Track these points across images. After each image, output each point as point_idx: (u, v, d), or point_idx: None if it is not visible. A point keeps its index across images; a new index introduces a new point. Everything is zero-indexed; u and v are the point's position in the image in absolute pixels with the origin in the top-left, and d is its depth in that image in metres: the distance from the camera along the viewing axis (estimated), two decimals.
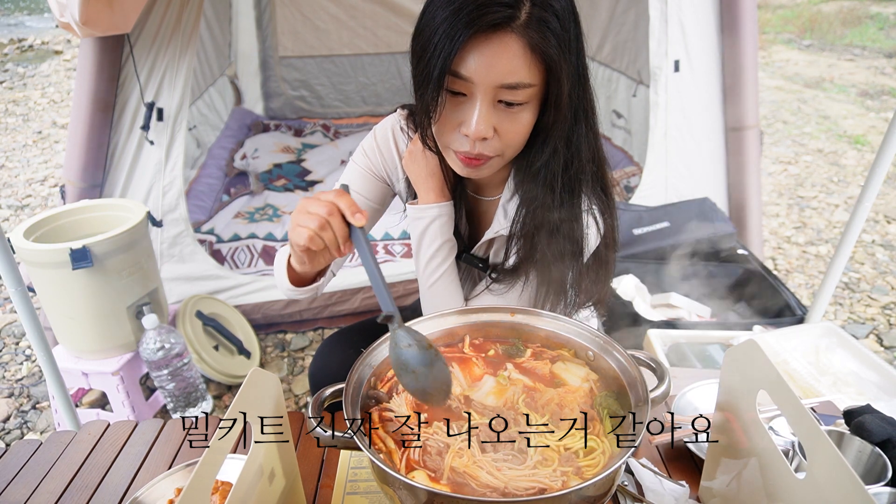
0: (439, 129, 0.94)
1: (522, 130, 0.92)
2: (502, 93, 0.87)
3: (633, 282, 2.41)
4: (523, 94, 0.87)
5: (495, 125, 0.90)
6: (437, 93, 0.87)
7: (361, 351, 0.87)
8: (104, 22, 1.92)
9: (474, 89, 0.87)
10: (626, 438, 0.73)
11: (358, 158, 1.21)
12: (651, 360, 0.84)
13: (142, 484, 0.98)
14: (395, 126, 1.17)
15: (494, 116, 0.89)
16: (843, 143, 4.87)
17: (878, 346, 2.59)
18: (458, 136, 0.93)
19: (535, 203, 1.00)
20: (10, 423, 2.27)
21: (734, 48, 2.58)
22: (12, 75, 7.36)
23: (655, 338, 2.01)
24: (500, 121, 0.90)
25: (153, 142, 2.32)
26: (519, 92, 0.87)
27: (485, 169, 0.97)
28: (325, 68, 4.50)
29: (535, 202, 1.00)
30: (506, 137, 0.92)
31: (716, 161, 2.78)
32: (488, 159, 0.94)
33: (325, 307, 2.65)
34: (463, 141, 0.92)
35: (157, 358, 1.98)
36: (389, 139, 1.18)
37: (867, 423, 0.89)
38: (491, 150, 0.92)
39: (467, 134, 0.90)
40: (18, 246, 1.78)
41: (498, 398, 0.86)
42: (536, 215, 1.01)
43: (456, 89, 0.88)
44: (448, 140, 0.94)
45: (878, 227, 3.60)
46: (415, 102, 0.97)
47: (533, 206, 1.01)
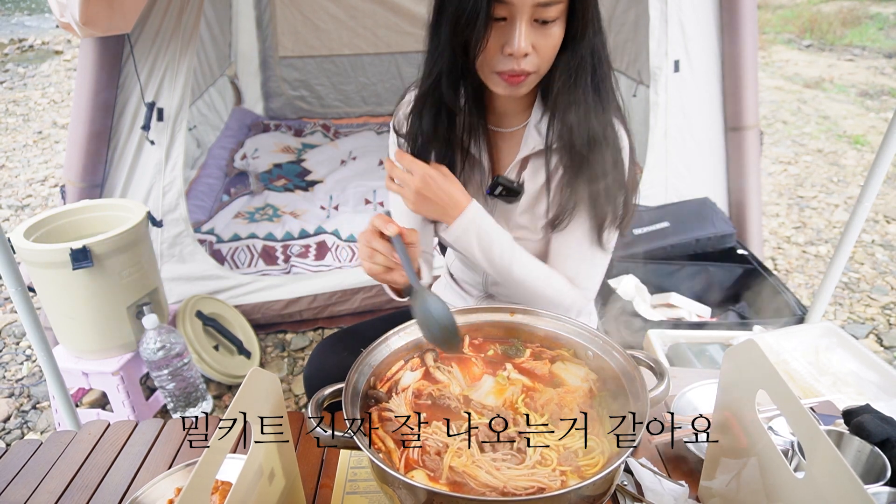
0: (484, 55, 1.03)
1: (555, 44, 1.02)
2: (538, 11, 0.97)
3: (633, 282, 2.41)
4: (555, 11, 0.98)
5: (533, 42, 1.00)
6: (486, 21, 0.97)
7: (361, 350, 0.87)
8: (104, 22, 1.92)
9: (514, 11, 0.97)
10: (625, 438, 0.73)
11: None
12: (651, 360, 0.84)
13: (142, 484, 0.98)
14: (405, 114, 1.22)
15: (532, 34, 0.99)
16: (842, 143, 4.87)
17: (877, 346, 2.59)
18: (502, 58, 1.02)
19: (571, 111, 1.07)
20: (11, 423, 2.27)
21: (734, 48, 2.58)
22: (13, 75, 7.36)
23: (655, 338, 2.01)
24: (536, 38, 1.00)
25: (153, 142, 2.32)
26: (552, 9, 0.98)
27: (524, 86, 1.06)
28: (325, 68, 4.51)
29: (569, 111, 1.07)
30: (542, 53, 1.02)
31: (716, 161, 2.78)
32: (528, 75, 1.03)
33: (325, 307, 2.65)
34: (507, 61, 1.01)
35: (158, 358, 1.98)
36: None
37: (866, 423, 0.89)
38: (531, 65, 1.02)
39: (511, 53, 0.99)
40: (19, 246, 1.79)
41: (497, 398, 0.86)
42: (574, 123, 1.08)
43: (498, 14, 0.98)
44: (493, 64, 1.03)
45: (877, 227, 3.60)
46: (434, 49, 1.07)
47: (568, 115, 1.08)
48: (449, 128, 1.16)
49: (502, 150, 1.22)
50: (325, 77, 4.54)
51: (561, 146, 1.11)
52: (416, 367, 0.92)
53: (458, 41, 1.02)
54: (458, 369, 0.92)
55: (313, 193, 3.44)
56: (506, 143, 1.21)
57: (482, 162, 1.19)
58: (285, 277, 2.65)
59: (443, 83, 1.09)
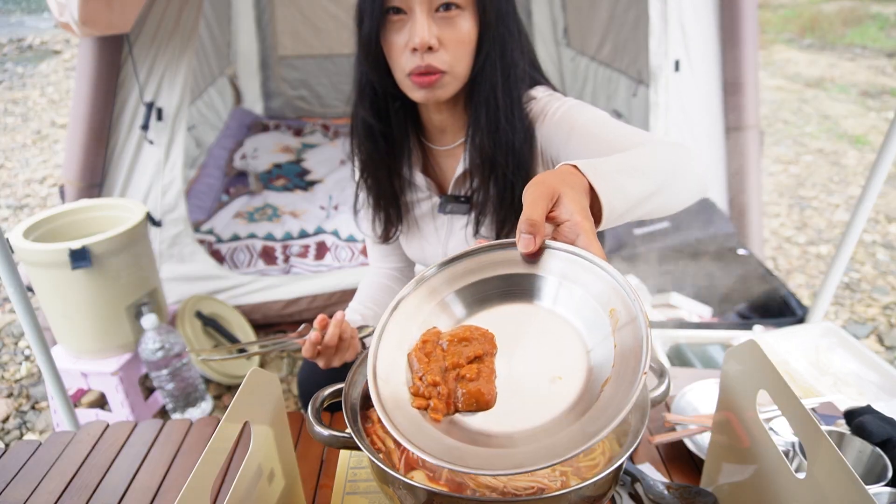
0: (392, 58, 0.99)
1: (465, 40, 0.98)
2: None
3: (633, 282, 2.41)
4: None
5: (438, 36, 0.96)
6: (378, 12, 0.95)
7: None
8: (103, 21, 1.92)
9: (411, 2, 0.94)
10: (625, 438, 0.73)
11: None
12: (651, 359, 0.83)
13: (142, 484, 0.98)
14: None
15: (435, 26, 0.95)
16: (843, 143, 4.87)
17: (878, 347, 2.59)
18: (408, 56, 0.97)
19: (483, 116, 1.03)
20: (10, 424, 2.27)
21: (734, 48, 2.57)
22: (11, 75, 7.36)
23: (655, 338, 2.01)
24: (441, 30, 0.96)
25: (153, 141, 2.32)
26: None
27: (438, 88, 1.00)
28: (324, 68, 4.50)
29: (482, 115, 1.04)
30: (451, 48, 0.97)
31: (716, 161, 2.78)
32: (440, 75, 0.98)
33: (325, 307, 2.65)
34: (412, 58, 0.97)
35: (157, 358, 1.98)
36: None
37: (867, 424, 0.89)
38: (439, 62, 0.97)
39: (414, 46, 0.95)
40: (17, 246, 1.78)
41: None
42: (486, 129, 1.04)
43: (394, 4, 0.96)
44: (401, 64, 0.99)
45: (878, 227, 3.60)
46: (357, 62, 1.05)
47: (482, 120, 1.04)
48: (386, 153, 1.12)
49: (446, 168, 1.18)
50: (324, 77, 4.54)
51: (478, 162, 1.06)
52: None
53: (365, 46, 0.99)
54: None
55: (313, 193, 3.44)
56: (447, 159, 1.17)
57: (425, 182, 1.16)
58: (285, 277, 2.64)
59: (365, 102, 1.06)
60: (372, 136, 1.10)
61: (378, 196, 1.17)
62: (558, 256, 0.62)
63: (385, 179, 1.15)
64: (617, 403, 0.51)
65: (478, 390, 0.57)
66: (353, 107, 1.10)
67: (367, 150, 1.12)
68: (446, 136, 1.14)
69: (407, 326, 0.65)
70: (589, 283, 0.59)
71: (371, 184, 1.17)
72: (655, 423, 1.05)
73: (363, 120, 1.09)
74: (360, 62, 1.04)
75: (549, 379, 0.58)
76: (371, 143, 1.11)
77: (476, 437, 0.56)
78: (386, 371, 0.61)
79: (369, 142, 1.11)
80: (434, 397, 0.58)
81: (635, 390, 0.50)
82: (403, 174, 1.16)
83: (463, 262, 0.68)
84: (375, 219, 1.21)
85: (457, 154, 1.15)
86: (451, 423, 0.58)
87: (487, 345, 0.61)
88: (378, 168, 1.14)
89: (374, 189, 1.17)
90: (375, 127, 1.09)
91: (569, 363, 0.58)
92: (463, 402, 0.58)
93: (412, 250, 1.26)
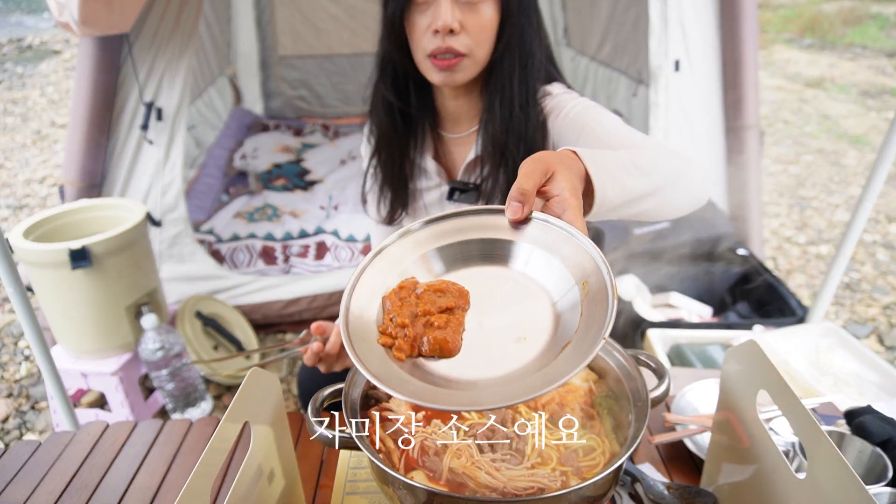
0: (413, 39, 1.02)
1: (486, 25, 1.01)
2: None
3: (633, 282, 2.41)
4: None
5: (461, 20, 0.99)
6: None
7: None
8: (103, 21, 1.92)
9: None
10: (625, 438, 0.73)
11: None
12: (651, 360, 0.84)
13: (142, 484, 0.98)
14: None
15: (458, 11, 0.99)
16: (843, 143, 4.87)
17: (879, 347, 2.59)
18: (429, 37, 1.00)
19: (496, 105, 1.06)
20: (9, 424, 2.27)
21: (735, 47, 2.57)
22: (11, 75, 7.36)
23: (655, 338, 2.01)
24: (464, 16, 0.99)
25: (152, 141, 2.32)
26: None
27: (458, 72, 1.03)
28: (324, 68, 4.50)
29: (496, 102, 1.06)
30: (472, 32, 1.00)
31: (716, 161, 2.78)
32: (461, 58, 1.01)
33: (325, 307, 2.65)
34: (434, 39, 1.00)
35: (157, 358, 1.98)
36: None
37: (868, 424, 0.89)
38: (460, 45, 1.00)
39: (437, 29, 0.98)
40: (17, 246, 1.78)
41: None
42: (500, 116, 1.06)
43: None
44: (423, 46, 1.02)
45: (879, 227, 3.60)
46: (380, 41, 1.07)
47: (496, 107, 1.06)
48: (403, 132, 1.15)
49: (456, 156, 1.20)
50: (324, 77, 4.54)
51: (490, 148, 1.09)
52: None
53: (390, 26, 1.03)
54: None
55: (313, 193, 3.44)
56: (459, 148, 1.19)
57: (434, 169, 1.18)
58: (285, 277, 2.64)
59: (381, 79, 1.10)
60: (391, 113, 1.13)
61: (388, 175, 1.19)
62: (542, 227, 0.65)
63: (398, 159, 1.17)
64: (573, 363, 0.54)
65: (443, 338, 0.59)
66: (374, 85, 1.13)
67: (385, 127, 1.15)
68: (459, 124, 1.17)
69: (387, 273, 0.67)
70: (567, 254, 0.62)
71: (384, 161, 1.19)
72: (655, 423, 1.05)
73: (383, 97, 1.12)
74: (383, 41, 1.07)
75: (514, 339, 0.60)
76: (389, 120, 1.14)
77: (437, 381, 0.58)
78: (359, 308, 0.64)
79: (388, 119, 1.14)
80: (400, 338, 0.61)
81: (592, 353, 0.53)
82: (414, 159, 1.18)
83: (450, 221, 0.70)
84: (381, 200, 1.23)
85: (468, 142, 1.17)
86: (415, 365, 0.60)
87: (461, 300, 0.64)
88: (392, 146, 1.16)
89: (387, 167, 1.19)
90: (395, 104, 1.12)
91: (535, 326, 0.61)
92: (428, 348, 0.60)
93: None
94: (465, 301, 0.64)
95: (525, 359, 0.58)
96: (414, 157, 1.18)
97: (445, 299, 0.63)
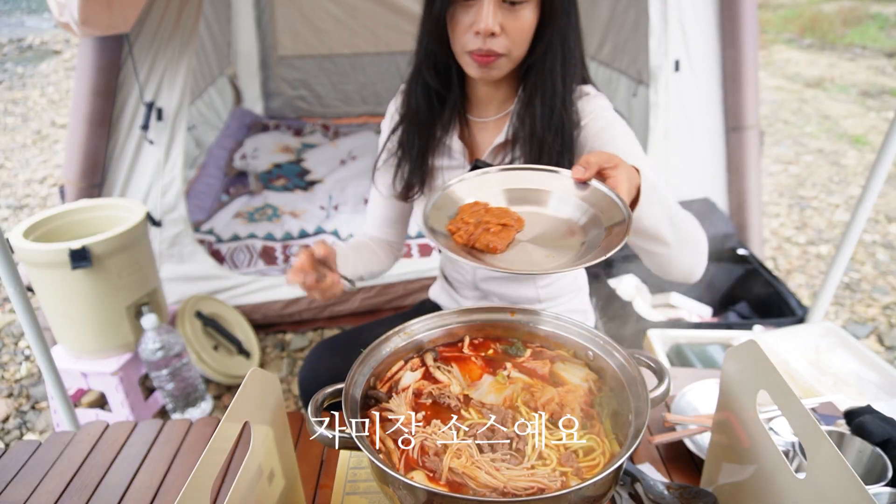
0: (454, 34, 1.08)
1: (525, 28, 1.05)
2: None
3: (633, 282, 2.41)
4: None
5: (501, 23, 1.03)
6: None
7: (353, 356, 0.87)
8: (103, 21, 1.92)
9: None
10: (625, 438, 0.73)
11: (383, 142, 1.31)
12: (651, 360, 0.84)
13: (142, 484, 0.98)
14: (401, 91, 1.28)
15: (500, 14, 1.03)
16: (843, 143, 4.87)
17: (878, 347, 2.59)
18: (471, 37, 1.06)
19: (535, 101, 1.11)
20: (10, 424, 2.27)
21: (734, 48, 2.57)
22: (11, 75, 7.36)
23: (655, 338, 2.01)
24: (505, 19, 1.04)
25: (153, 141, 2.32)
26: None
27: (495, 69, 1.09)
28: (324, 68, 4.50)
29: (534, 100, 1.11)
30: (512, 35, 1.05)
31: (716, 161, 2.78)
32: (498, 57, 1.07)
33: (325, 307, 2.65)
34: (475, 39, 1.05)
35: (157, 358, 1.98)
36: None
37: (867, 424, 0.89)
38: (500, 46, 1.05)
39: (478, 31, 1.03)
40: (17, 246, 1.78)
41: (497, 397, 0.86)
42: (536, 113, 1.11)
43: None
44: (463, 42, 1.07)
45: (878, 227, 3.60)
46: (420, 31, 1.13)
47: (533, 104, 1.12)
48: (434, 112, 1.20)
49: (480, 140, 1.25)
50: (324, 77, 4.54)
51: (523, 136, 1.14)
52: (416, 367, 0.92)
53: (433, 21, 1.08)
54: (458, 369, 0.91)
55: (313, 193, 3.44)
56: (484, 132, 1.24)
57: (459, 149, 1.22)
58: (285, 277, 2.64)
59: (425, 64, 1.15)
60: (428, 96, 1.19)
61: (411, 151, 1.23)
62: (593, 189, 0.83)
63: (424, 138, 1.21)
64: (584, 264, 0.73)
65: (489, 240, 0.79)
66: (415, 69, 1.18)
67: (421, 108, 1.19)
68: (488, 108, 1.22)
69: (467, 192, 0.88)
70: (603, 208, 0.81)
71: (409, 138, 1.23)
72: (655, 423, 1.05)
73: (424, 82, 1.17)
74: (425, 35, 1.13)
75: (544, 255, 0.79)
76: (427, 103, 1.19)
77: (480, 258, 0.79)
78: (441, 205, 0.86)
79: (425, 101, 1.19)
80: (461, 230, 0.81)
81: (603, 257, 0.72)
82: (442, 138, 1.22)
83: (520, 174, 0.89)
84: (398, 174, 1.27)
85: (495, 127, 1.22)
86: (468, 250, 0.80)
87: (516, 223, 0.83)
88: (422, 125, 1.21)
89: (411, 145, 1.23)
90: (434, 88, 1.17)
91: (564, 251, 0.79)
92: (478, 242, 0.79)
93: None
94: (520, 224, 0.83)
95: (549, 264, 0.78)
96: (441, 137, 1.22)
97: (504, 218, 0.82)
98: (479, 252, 0.78)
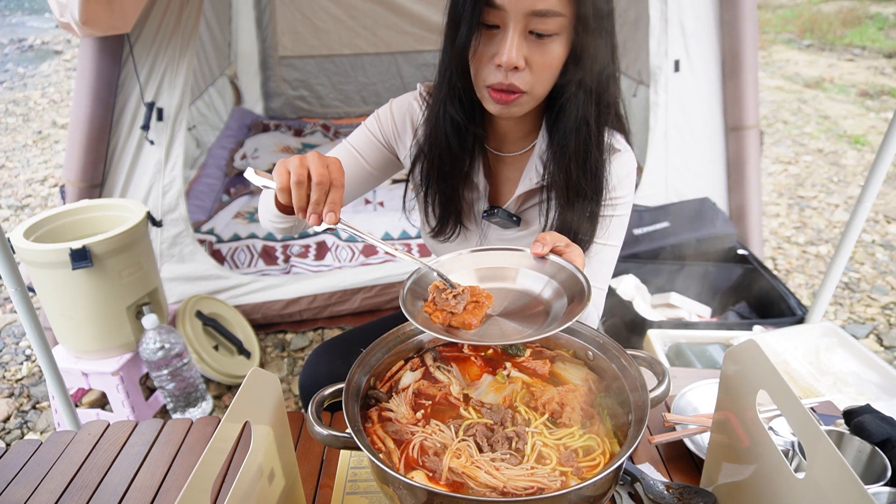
0: (475, 66, 0.99)
1: (553, 64, 0.96)
2: (533, 21, 0.91)
3: (633, 282, 2.41)
4: (553, 24, 0.92)
5: (526, 56, 0.94)
6: (474, 24, 0.93)
7: (361, 350, 0.87)
8: (104, 22, 1.92)
9: (507, 18, 0.92)
10: (625, 438, 0.73)
11: (369, 122, 1.22)
12: (651, 360, 0.84)
13: (142, 484, 0.98)
14: (414, 97, 1.19)
15: (525, 47, 0.94)
16: (843, 143, 4.87)
17: (878, 346, 2.59)
18: (492, 69, 0.96)
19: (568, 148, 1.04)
20: (11, 423, 2.27)
21: (734, 48, 2.58)
22: (12, 75, 7.36)
23: (655, 338, 2.01)
24: (530, 52, 0.94)
25: (153, 141, 2.32)
26: (549, 21, 0.91)
27: (515, 106, 1.00)
28: (325, 68, 4.50)
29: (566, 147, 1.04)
30: (536, 70, 0.95)
31: (716, 161, 2.78)
32: (519, 94, 0.97)
33: (325, 307, 2.65)
34: (496, 73, 0.96)
35: (157, 358, 1.98)
36: (405, 108, 1.18)
37: (867, 423, 0.89)
38: (522, 82, 0.96)
39: (500, 63, 0.94)
40: (18, 246, 1.78)
41: (497, 396, 0.86)
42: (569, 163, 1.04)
43: (489, 21, 0.94)
44: (483, 75, 0.98)
45: (878, 227, 3.60)
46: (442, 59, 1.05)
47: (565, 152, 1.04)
48: (459, 143, 1.10)
49: (501, 175, 1.18)
50: (324, 77, 4.54)
51: (557, 186, 1.07)
52: (416, 367, 0.92)
53: (455, 49, 0.98)
54: (458, 369, 0.92)
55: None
56: (505, 167, 1.17)
57: (479, 185, 1.16)
58: (285, 277, 2.65)
59: (449, 98, 1.05)
60: (458, 132, 1.09)
61: (443, 184, 1.15)
62: (553, 263, 0.92)
63: (456, 172, 1.13)
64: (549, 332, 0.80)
65: (464, 319, 0.84)
66: (440, 104, 1.08)
67: (446, 146, 1.10)
68: (509, 143, 1.14)
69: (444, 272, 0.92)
70: (563, 279, 0.89)
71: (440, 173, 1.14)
72: (655, 423, 1.05)
73: (451, 117, 1.07)
74: (447, 67, 1.04)
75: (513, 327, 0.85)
76: (458, 140, 1.10)
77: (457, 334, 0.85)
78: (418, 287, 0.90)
79: (456, 138, 1.09)
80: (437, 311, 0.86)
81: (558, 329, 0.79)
82: (469, 172, 1.15)
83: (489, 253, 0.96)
84: (429, 209, 1.19)
85: (517, 162, 1.15)
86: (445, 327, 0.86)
87: (486, 299, 0.88)
88: (454, 159, 1.12)
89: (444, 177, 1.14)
90: (461, 123, 1.08)
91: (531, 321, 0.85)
92: (454, 321, 0.84)
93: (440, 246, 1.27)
94: (490, 300, 0.88)
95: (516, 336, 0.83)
96: (468, 171, 1.15)
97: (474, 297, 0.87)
98: (454, 329, 0.84)
